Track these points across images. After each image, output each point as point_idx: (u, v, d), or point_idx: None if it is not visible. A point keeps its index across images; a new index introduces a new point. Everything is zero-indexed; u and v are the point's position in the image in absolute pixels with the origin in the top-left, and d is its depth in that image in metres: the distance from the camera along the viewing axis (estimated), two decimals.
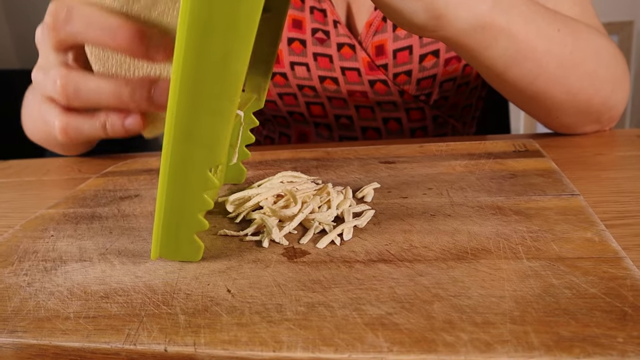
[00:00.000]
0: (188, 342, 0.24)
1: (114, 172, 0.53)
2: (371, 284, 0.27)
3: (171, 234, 0.31)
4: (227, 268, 0.30)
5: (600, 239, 0.30)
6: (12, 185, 0.60)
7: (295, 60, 0.67)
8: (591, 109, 0.52)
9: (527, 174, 0.40)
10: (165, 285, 0.29)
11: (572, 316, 0.23)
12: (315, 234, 0.33)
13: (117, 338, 0.25)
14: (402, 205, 0.36)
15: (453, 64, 0.65)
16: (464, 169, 0.42)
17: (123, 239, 0.36)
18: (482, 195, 0.37)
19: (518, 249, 0.29)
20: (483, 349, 0.22)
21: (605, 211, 0.36)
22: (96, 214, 0.41)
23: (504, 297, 0.25)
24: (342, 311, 0.25)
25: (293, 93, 0.70)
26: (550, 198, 0.35)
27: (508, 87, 0.51)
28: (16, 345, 0.26)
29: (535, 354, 0.21)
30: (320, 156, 0.50)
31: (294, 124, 0.75)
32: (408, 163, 0.45)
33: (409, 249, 0.30)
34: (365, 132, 0.73)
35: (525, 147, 0.47)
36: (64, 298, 0.29)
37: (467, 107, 0.75)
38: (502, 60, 0.46)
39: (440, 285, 0.26)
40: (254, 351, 0.23)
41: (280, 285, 0.28)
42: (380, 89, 0.67)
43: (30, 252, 0.35)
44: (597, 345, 0.21)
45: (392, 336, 0.23)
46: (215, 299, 0.27)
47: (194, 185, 0.29)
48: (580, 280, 0.26)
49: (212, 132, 0.28)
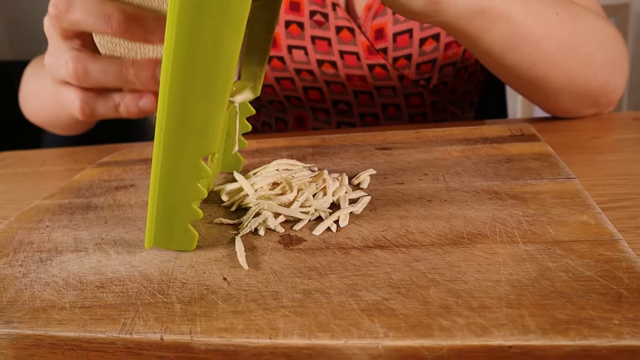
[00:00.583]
0: (184, 331, 0.24)
1: (109, 162, 0.53)
2: (367, 270, 0.27)
3: (165, 223, 0.30)
4: (223, 256, 0.30)
5: (596, 222, 0.29)
6: (7, 177, 0.60)
7: (292, 44, 0.66)
8: (589, 93, 0.52)
9: (523, 158, 0.40)
10: (161, 274, 0.29)
11: (568, 299, 0.23)
12: (311, 221, 0.33)
13: (113, 327, 0.25)
14: (398, 191, 0.36)
15: (453, 48, 0.65)
16: (460, 154, 0.42)
17: (118, 228, 0.36)
18: (478, 180, 0.37)
19: (514, 233, 0.29)
20: (479, 333, 0.22)
21: (601, 194, 0.36)
22: (91, 204, 0.41)
23: (500, 281, 0.25)
24: (338, 297, 0.25)
25: (290, 77, 0.69)
26: (546, 182, 0.35)
27: (506, 71, 0.50)
28: (12, 335, 0.26)
29: (532, 337, 0.21)
30: (317, 143, 0.50)
31: (291, 109, 0.75)
32: (404, 149, 0.45)
33: (405, 234, 0.30)
34: (363, 117, 0.73)
35: (522, 132, 0.46)
36: (60, 288, 0.29)
37: (465, 92, 0.74)
38: (501, 44, 0.46)
39: (437, 270, 0.26)
40: (250, 339, 0.23)
41: (276, 273, 0.28)
42: (379, 73, 0.66)
43: (25, 243, 0.35)
44: (593, 327, 0.21)
45: (389, 322, 0.23)
46: (211, 287, 0.27)
47: (187, 173, 0.29)
48: (576, 263, 0.26)
49: (205, 120, 0.28)
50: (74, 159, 0.64)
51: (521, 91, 0.54)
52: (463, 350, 0.22)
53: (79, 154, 0.66)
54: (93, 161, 0.57)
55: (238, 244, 0.31)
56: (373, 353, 0.22)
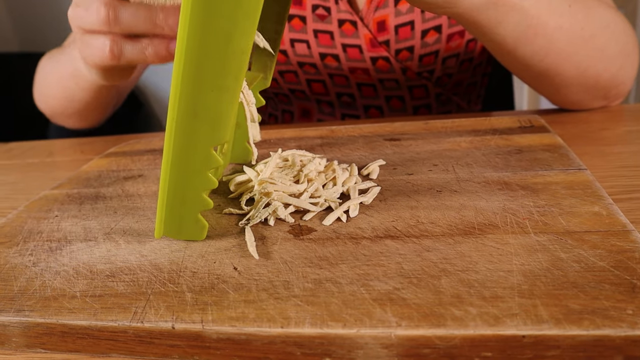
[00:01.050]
0: (195, 320, 0.24)
1: (117, 153, 0.53)
2: (378, 260, 0.27)
3: (175, 213, 0.30)
4: (233, 246, 0.30)
5: (608, 213, 0.29)
6: (15, 167, 0.60)
7: (295, 37, 0.66)
8: (599, 85, 0.51)
9: (533, 149, 0.40)
10: (171, 263, 0.29)
11: (580, 289, 0.23)
12: (321, 211, 0.33)
13: (124, 316, 0.25)
14: (407, 182, 0.36)
15: (456, 40, 0.64)
16: (470, 145, 0.42)
17: (128, 218, 0.36)
18: (488, 170, 0.36)
19: (525, 224, 0.29)
20: (492, 322, 0.22)
21: (612, 186, 0.36)
22: (100, 194, 0.41)
23: (512, 271, 0.25)
24: (349, 287, 0.25)
25: (294, 70, 0.69)
26: (556, 173, 0.35)
27: (518, 63, 0.50)
28: (23, 324, 0.26)
29: (545, 327, 0.21)
30: (325, 134, 0.50)
31: (296, 101, 0.75)
32: (413, 140, 0.45)
33: (416, 224, 0.30)
34: (367, 110, 0.72)
35: (531, 123, 0.46)
36: (70, 277, 0.29)
37: (471, 84, 0.74)
38: (513, 36, 0.46)
39: (448, 260, 0.26)
40: (262, 327, 0.23)
41: (286, 262, 0.28)
42: (382, 66, 0.66)
43: (35, 233, 0.35)
44: (606, 317, 0.21)
45: (401, 311, 0.23)
46: (222, 277, 0.27)
47: (198, 163, 0.29)
48: (589, 253, 0.26)
49: (217, 110, 0.27)
50: (80, 150, 0.64)
51: (531, 83, 0.54)
52: (476, 340, 0.22)
53: (86, 144, 0.66)
54: (100, 152, 0.57)
55: (248, 234, 0.31)
56: (385, 342, 0.22)
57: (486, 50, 0.70)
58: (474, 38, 0.66)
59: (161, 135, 0.61)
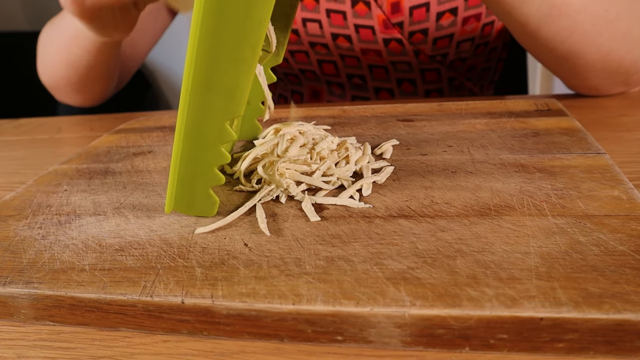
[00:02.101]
0: (205, 295, 0.24)
1: (127, 129, 0.52)
2: (392, 239, 0.26)
3: (186, 188, 0.30)
4: (243, 222, 0.30)
5: (628, 197, 0.29)
6: (24, 143, 0.60)
7: (307, 17, 0.65)
8: (621, 70, 0.50)
9: (551, 133, 0.39)
10: (181, 238, 0.29)
11: (600, 273, 0.23)
12: (333, 189, 0.33)
13: (134, 290, 0.25)
14: (421, 162, 0.35)
15: (471, 23, 0.63)
16: (485, 127, 0.41)
17: (137, 193, 0.35)
18: (504, 152, 0.36)
19: (543, 206, 0.28)
20: (509, 304, 0.21)
21: (631, 172, 0.35)
22: (109, 170, 0.41)
23: (529, 253, 0.24)
24: (362, 265, 0.24)
25: (305, 50, 0.68)
26: (575, 156, 0.34)
27: (540, 45, 0.49)
28: (32, 296, 0.26)
29: (564, 310, 0.21)
30: (337, 114, 0.49)
31: (306, 82, 0.74)
32: (427, 121, 0.44)
33: (430, 205, 0.29)
34: (378, 92, 0.71)
35: (548, 106, 0.45)
36: (79, 251, 0.29)
37: (485, 69, 0.73)
38: (537, 16, 0.45)
39: (463, 240, 0.26)
40: (273, 304, 0.23)
41: (298, 240, 0.27)
42: (395, 48, 0.65)
43: (44, 206, 0.35)
44: (627, 301, 0.21)
45: (415, 290, 0.22)
46: (233, 253, 0.27)
47: (212, 137, 0.28)
48: (608, 237, 0.25)
49: (233, 82, 0.27)
50: (89, 127, 0.63)
51: (551, 67, 0.53)
52: (492, 321, 0.21)
53: (95, 121, 0.66)
54: (109, 128, 0.57)
55: (259, 211, 0.30)
56: (399, 321, 0.22)
57: (502, 35, 0.69)
58: (490, 22, 0.65)
59: (171, 112, 0.60)
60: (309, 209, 0.30)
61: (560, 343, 0.21)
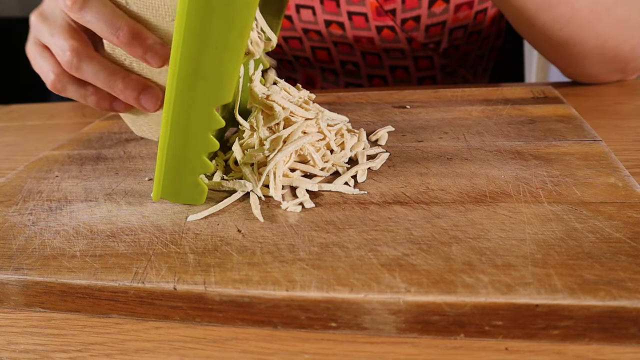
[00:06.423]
0: (198, 281, 0.24)
1: (119, 116, 0.51)
2: (387, 226, 0.26)
3: (174, 176, 0.29)
4: (237, 209, 0.29)
5: (624, 185, 0.28)
6: (15, 129, 0.59)
7: (301, 3, 0.64)
8: (619, 57, 0.50)
9: (547, 120, 0.38)
10: (173, 225, 0.28)
11: (596, 260, 0.22)
12: (328, 176, 0.32)
13: (125, 276, 0.25)
14: (417, 149, 0.35)
15: (464, 11, 0.63)
16: (481, 114, 0.41)
17: (129, 179, 0.35)
18: (500, 139, 0.35)
19: (539, 193, 0.28)
20: (504, 290, 0.21)
21: (627, 159, 0.35)
22: (101, 156, 0.40)
23: (525, 240, 0.24)
24: (357, 252, 0.24)
25: (298, 37, 0.67)
26: (571, 143, 0.34)
27: (537, 32, 0.48)
28: (22, 282, 0.26)
29: (559, 297, 0.20)
30: (332, 100, 0.49)
31: (300, 68, 0.73)
32: (423, 108, 0.44)
33: (425, 191, 0.29)
34: (371, 79, 0.71)
35: (544, 94, 0.45)
36: (70, 237, 0.28)
37: (479, 57, 0.72)
38: (535, 3, 0.44)
39: (459, 227, 0.25)
40: (266, 290, 0.23)
41: (292, 226, 0.27)
42: (388, 35, 0.64)
43: (34, 192, 0.35)
44: (623, 288, 0.21)
45: (410, 277, 0.22)
46: (226, 239, 0.26)
47: (200, 123, 0.28)
48: (604, 224, 0.25)
49: (220, 67, 0.26)
50: (82, 113, 0.63)
51: (548, 54, 0.52)
52: (487, 308, 0.21)
53: (88, 108, 0.65)
54: (101, 115, 0.56)
55: (253, 197, 0.30)
56: (393, 308, 0.21)
57: (495, 23, 0.68)
58: (483, 9, 0.64)
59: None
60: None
61: (556, 330, 0.21)
